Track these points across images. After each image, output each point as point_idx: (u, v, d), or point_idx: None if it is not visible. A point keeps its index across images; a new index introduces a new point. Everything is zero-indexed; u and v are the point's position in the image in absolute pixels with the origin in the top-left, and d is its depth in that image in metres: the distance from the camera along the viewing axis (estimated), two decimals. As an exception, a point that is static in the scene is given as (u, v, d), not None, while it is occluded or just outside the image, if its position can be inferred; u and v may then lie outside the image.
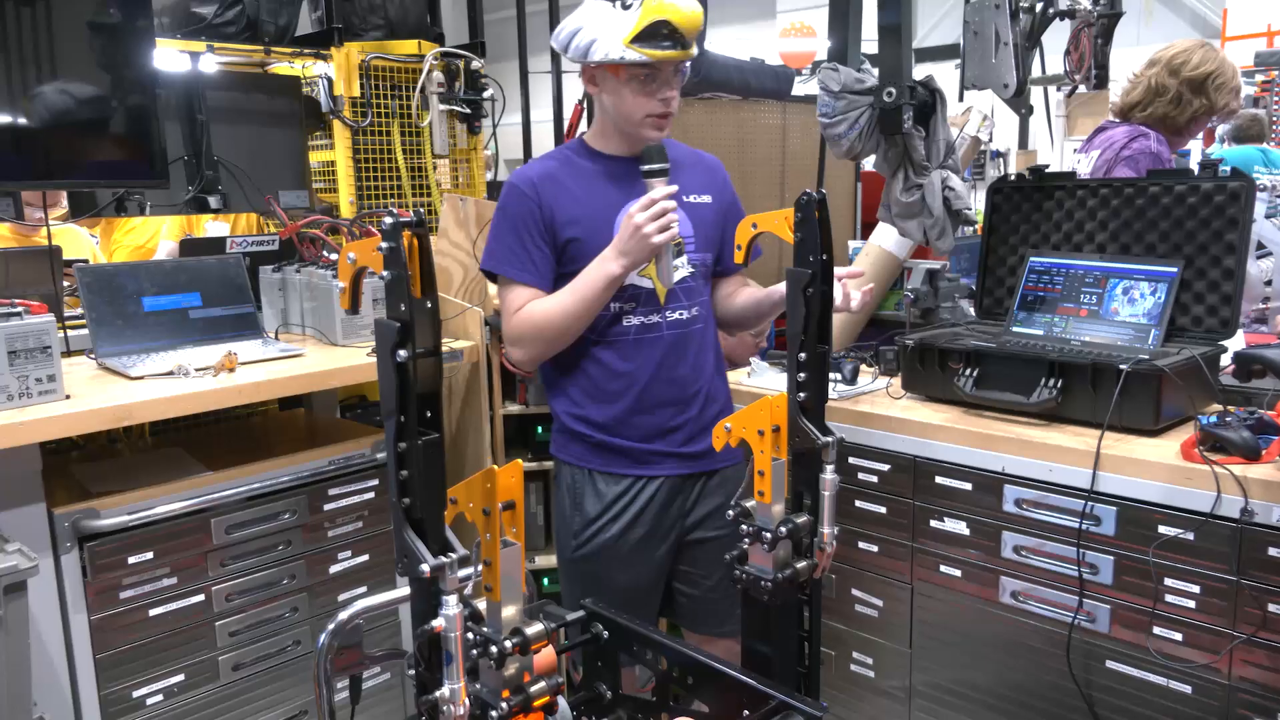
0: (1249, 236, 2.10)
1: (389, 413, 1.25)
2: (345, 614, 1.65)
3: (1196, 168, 2.18)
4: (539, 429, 2.78)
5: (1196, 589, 1.74)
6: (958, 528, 2.04)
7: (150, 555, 2.04)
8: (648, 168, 1.88)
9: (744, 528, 1.55)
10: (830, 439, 1.58)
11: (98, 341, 2.28)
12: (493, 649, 1.25)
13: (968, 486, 2.01)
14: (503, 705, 1.27)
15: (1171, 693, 1.79)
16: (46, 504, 1.94)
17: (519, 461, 1.26)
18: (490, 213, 2.73)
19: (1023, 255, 2.36)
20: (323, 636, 1.63)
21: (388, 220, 1.22)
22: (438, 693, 1.24)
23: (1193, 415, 1.88)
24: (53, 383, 1.92)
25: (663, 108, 1.91)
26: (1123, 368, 1.86)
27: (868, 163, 3.18)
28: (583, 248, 1.94)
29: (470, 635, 1.26)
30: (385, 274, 1.23)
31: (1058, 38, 2.74)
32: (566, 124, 4.43)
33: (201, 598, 2.13)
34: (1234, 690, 1.72)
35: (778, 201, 3.48)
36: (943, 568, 2.08)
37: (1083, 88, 2.83)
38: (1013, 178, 2.47)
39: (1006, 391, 2.03)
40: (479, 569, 1.28)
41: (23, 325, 1.88)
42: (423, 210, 2.34)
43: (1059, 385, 1.95)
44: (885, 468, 2.14)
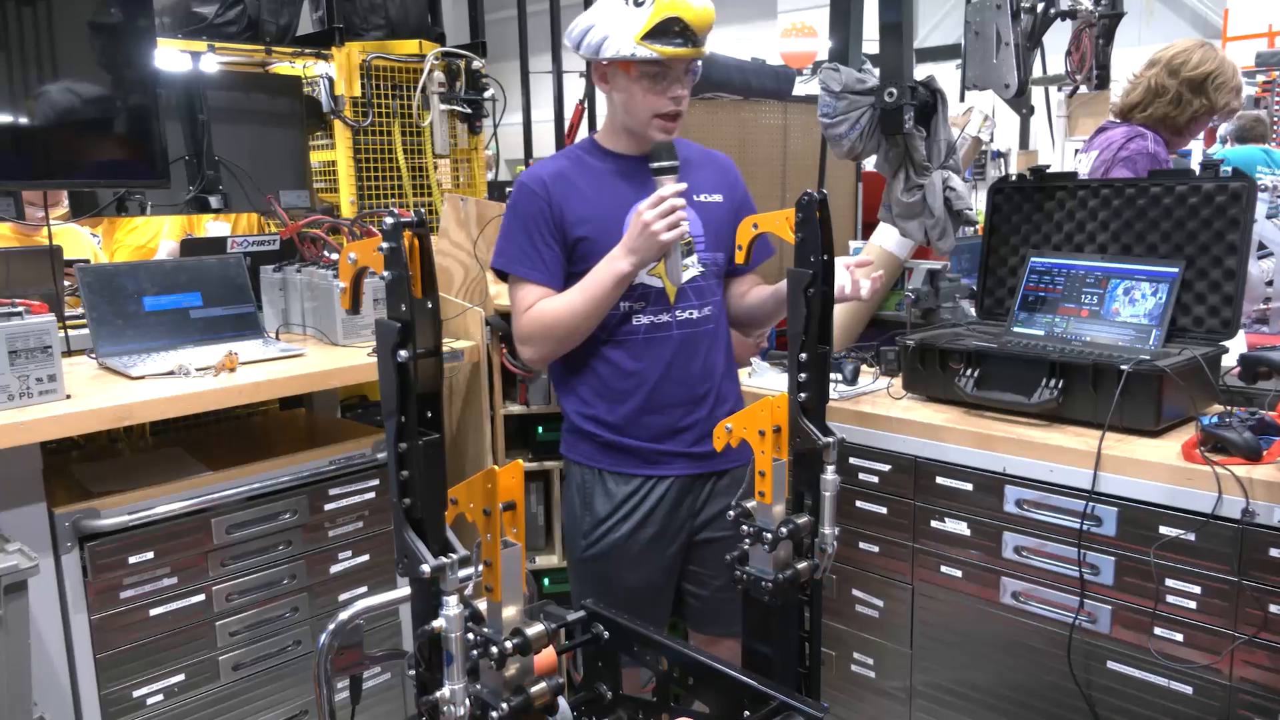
0: (1250, 237, 2.10)
1: (389, 413, 1.25)
2: (346, 614, 1.65)
3: (1198, 168, 2.18)
4: (539, 429, 2.78)
5: (1197, 590, 1.74)
6: (959, 528, 2.04)
7: (151, 555, 2.04)
8: (657, 165, 1.89)
9: (745, 528, 1.55)
10: (831, 439, 1.58)
11: (98, 341, 2.28)
12: (493, 650, 1.25)
13: (969, 487, 2.01)
14: (503, 706, 1.27)
15: (1172, 693, 1.79)
16: (47, 504, 1.94)
17: (519, 462, 1.25)
18: (491, 212, 2.74)
19: (1024, 255, 2.36)
20: (323, 636, 1.64)
21: (388, 220, 1.22)
22: (438, 693, 1.24)
23: (1194, 416, 1.88)
24: (53, 382, 1.92)
25: (673, 106, 1.91)
26: (1124, 368, 1.86)
27: (869, 163, 3.18)
28: (593, 246, 1.94)
29: (471, 636, 1.26)
30: (386, 274, 1.23)
31: (1059, 38, 2.74)
32: (567, 124, 4.44)
33: (202, 598, 2.13)
34: (1235, 691, 1.72)
35: (779, 202, 3.47)
36: (943, 568, 2.08)
37: (1084, 88, 2.83)
38: (1014, 178, 2.47)
39: (1007, 392, 2.03)
40: (479, 569, 1.27)
41: (23, 325, 1.88)
42: (423, 210, 2.35)
43: (1060, 386, 1.95)
44: (886, 468, 2.14)
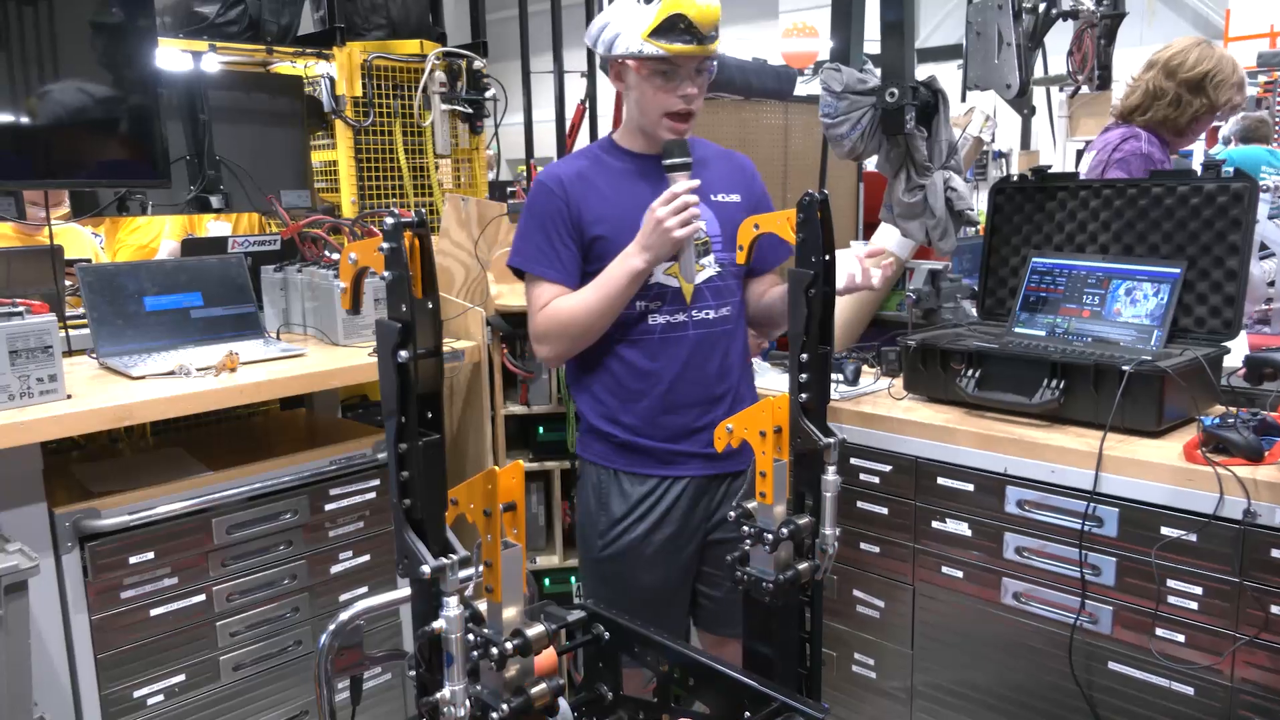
0: (1252, 237, 2.09)
1: (390, 413, 1.25)
2: (346, 614, 1.64)
3: (1199, 168, 2.18)
4: (540, 429, 2.78)
5: (1199, 590, 1.74)
6: (959, 529, 2.04)
7: (151, 555, 2.04)
8: (669, 162, 1.89)
9: (746, 529, 1.55)
10: (832, 440, 1.57)
11: (99, 341, 2.28)
12: (493, 650, 1.25)
13: (970, 487, 2.01)
14: (503, 707, 1.27)
15: (1173, 694, 1.79)
16: (47, 504, 1.94)
17: (520, 462, 1.25)
18: (492, 213, 2.75)
19: (1025, 256, 2.35)
20: (324, 637, 1.63)
21: (389, 220, 1.21)
22: (438, 694, 1.24)
23: (1195, 416, 1.88)
24: (54, 382, 1.92)
25: (683, 105, 1.91)
26: (1125, 369, 1.85)
27: (870, 163, 3.18)
28: (609, 246, 1.94)
29: (471, 637, 1.26)
30: (387, 274, 1.23)
31: (1060, 38, 2.74)
32: (569, 124, 4.43)
33: (202, 598, 2.13)
34: (1236, 692, 1.72)
35: (780, 202, 3.46)
36: (944, 569, 2.07)
37: (1085, 88, 2.83)
38: (1015, 178, 2.47)
39: (1009, 392, 2.03)
40: (480, 570, 1.27)
41: (24, 325, 1.88)
42: (424, 210, 2.35)
43: (1061, 386, 1.95)
44: (887, 469, 2.14)
